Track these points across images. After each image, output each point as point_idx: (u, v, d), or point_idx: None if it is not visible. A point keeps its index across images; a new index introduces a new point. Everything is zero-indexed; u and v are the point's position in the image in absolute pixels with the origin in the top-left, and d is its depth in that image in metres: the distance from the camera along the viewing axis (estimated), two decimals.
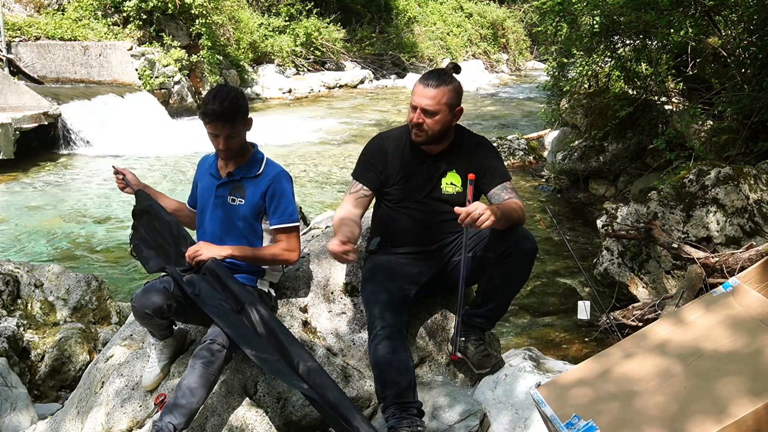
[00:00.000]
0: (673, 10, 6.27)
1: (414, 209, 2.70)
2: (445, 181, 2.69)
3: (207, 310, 2.46)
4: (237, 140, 2.59)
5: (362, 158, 2.78)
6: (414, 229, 2.72)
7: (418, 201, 2.69)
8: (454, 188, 2.69)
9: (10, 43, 12.14)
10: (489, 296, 2.65)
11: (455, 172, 2.69)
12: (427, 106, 2.55)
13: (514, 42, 25.82)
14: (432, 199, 2.69)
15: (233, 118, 2.54)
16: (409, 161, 2.69)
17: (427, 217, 2.70)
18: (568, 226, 6.88)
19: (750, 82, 5.86)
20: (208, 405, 2.51)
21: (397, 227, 2.72)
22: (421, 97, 2.56)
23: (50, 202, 8.06)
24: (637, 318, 4.16)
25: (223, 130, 2.54)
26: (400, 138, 2.74)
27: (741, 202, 4.50)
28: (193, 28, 14.18)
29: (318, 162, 10.12)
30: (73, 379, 3.80)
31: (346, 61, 19.83)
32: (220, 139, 2.56)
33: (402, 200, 2.71)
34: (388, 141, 2.75)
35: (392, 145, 2.73)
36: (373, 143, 2.79)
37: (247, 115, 2.61)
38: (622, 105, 6.86)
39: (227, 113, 2.51)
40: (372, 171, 2.72)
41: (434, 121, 2.57)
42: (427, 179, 2.68)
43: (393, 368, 2.43)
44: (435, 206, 2.70)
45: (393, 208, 2.73)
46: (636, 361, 2.14)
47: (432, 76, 2.59)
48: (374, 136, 2.83)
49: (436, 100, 2.55)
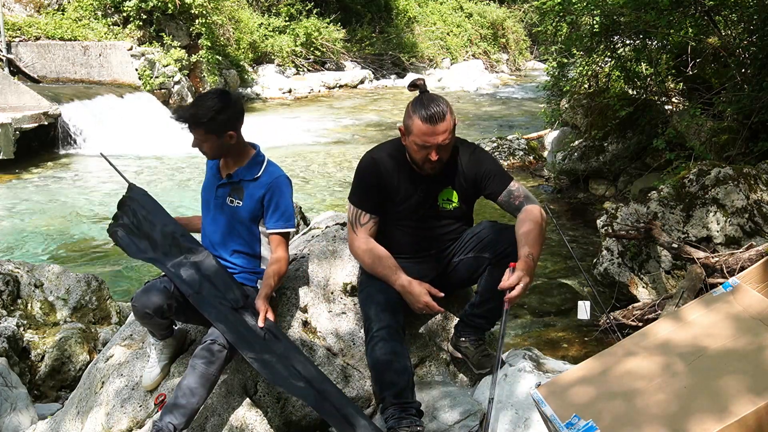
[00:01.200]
0: (673, 10, 6.27)
1: (413, 226, 2.69)
2: (441, 197, 2.66)
3: (205, 312, 2.46)
4: (209, 147, 2.58)
5: (360, 184, 2.68)
6: (411, 242, 2.71)
7: (416, 220, 2.67)
8: (451, 204, 2.67)
9: (10, 43, 12.14)
10: (488, 296, 2.64)
11: (451, 188, 2.66)
12: (443, 141, 2.47)
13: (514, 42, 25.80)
14: (430, 216, 2.68)
15: (201, 126, 2.53)
16: (406, 183, 2.64)
17: (425, 232, 2.69)
18: (568, 226, 6.88)
19: (750, 82, 5.86)
20: (208, 405, 2.51)
21: (394, 240, 2.70)
22: (434, 135, 2.44)
23: (50, 201, 8.06)
24: (637, 318, 4.16)
25: (194, 134, 2.56)
26: (394, 158, 2.65)
27: (741, 202, 4.50)
28: (193, 28, 14.18)
29: (318, 162, 10.12)
30: (73, 379, 3.80)
31: (346, 61, 19.82)
32: (194, 141, 2.58)
33: (400, 219, 2.68)
34: (381, 162, 2.65)
35: (386, 167, 2.64)
36: (367, 167, 2.67)
37: (224, 128, 2.55)
38: (622, 105, 6.85)
39: (194, 120, 2.53)
40: (374, 198, 2.65)
41: (447, 149, 2.53)
42: (423, 198, 2.65)
43: (391, 369, 2.43)
44: (433, 222, 2.69)
45: (390, 224, 2.70)
46: (636, 361, 2.14)
47: (430, 110, 2.44)
48: (365, 158, 2.71)
49: (448, 131, 2.47)
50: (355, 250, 2.68)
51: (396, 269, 2.60)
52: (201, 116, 2.51)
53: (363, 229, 2.65)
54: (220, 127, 2.55)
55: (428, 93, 2.54)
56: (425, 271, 2.71)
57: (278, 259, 2.63)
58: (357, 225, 2.66)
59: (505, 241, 2.57)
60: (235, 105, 2.59)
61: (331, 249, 3.05)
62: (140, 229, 2.71)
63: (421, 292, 2.56)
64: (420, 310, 2.61)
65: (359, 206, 2.67)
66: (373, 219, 2.66)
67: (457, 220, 2.71)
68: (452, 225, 2.71)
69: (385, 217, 2.68)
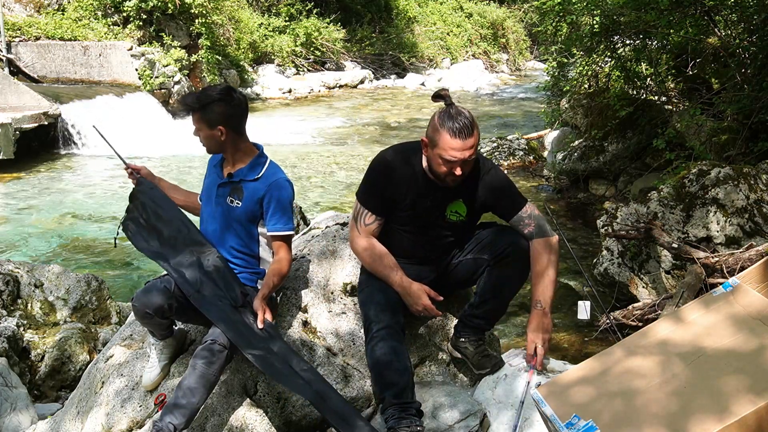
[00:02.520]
0: (673, 10, 6.27)
1: (417, 234, 2.68)
2: (450, 209, 2.64)
3: (206, 311, 2.46)
4: (203, 137, 2.63)
5: (370, 185, 2.65)
6: (414, 248, 2.71)
7: (421, 227, 2.66)
8: (458, 217, 2.65)
9: (10, 43, 12.14)
10: (488, 297, 2.64)
11: (461, 201, 2.63)
12: (470, 157, 2.45)
13: (514, 42, 25.81)
14: (436, 226, 2.66)
15: (196, 111, 2.59)
16: (418, 190, 2.60)
17: (428, 240, 2.69)
18: (568, 226, 6.88)
19: (750, 82, 5.86)
20: (208, 405, 2.51)
21: (396, 243, 2.69)
22: (461, 151, 2.41)
23: (50, 202, 8.06)
24: (637, 318, 4.16)
25: (193, 119, 2.62)
26: (410, 165, 2.61)
27: (741, 202, 4.50)
28: (193, 28, 14.18)
29: (318, 162, 10.13)
30: (73, 379, 3.80)
31: (346, 61, 19.82)
32: (194, 128, 2.64)
33: (405, 224, 2.67)
34: (395, 166, 2.62)
35: (399, 170, 2.61)
36: (379, 168, 2.65)
37: (216, 120, 2.57)
38: (622, 105, 6.85)
39: (191, 102, 2.59)
40: (381, 200, 2.63)
41: (471, 164, 2.50)
42: (433, 208, 2.63)
43: (391, 369, 2.43)
44: (438, 232, 2.67)
45: (393, 228, 2.69)
46: (636, 361, 2.14)
47: (459, 123, 2.41)
48: (379, 158, 2.68)
49: (475, 146, 2.46)
50: (356, 247, 2.68)
51: (395, 268, 2.60)
52: (197, 101, 2.57)
53: (366, 229, 2.65)
54: (213, 119, 2.57)
55: (454, 105, 2.50)
56: (425, 272, 2.71)
57: (279, 259, 2.63)
58: (361, 224, 2.65)
59: (504, 242, 2.57)
60: (234, 103, 2.59)
61: (331, 249, 3.05)
62: (149, 222, 2.74)
63: (420, 295, 2.56)
64: (418, 313, 2.61)
65: (365, 205, 2.65)
66: (378, 221, 2.65)
67: (462, 231, 2.70)
68: (455, 236, 2.70)
69: (390, 219, 2.67)
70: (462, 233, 2.70)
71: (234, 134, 2.63)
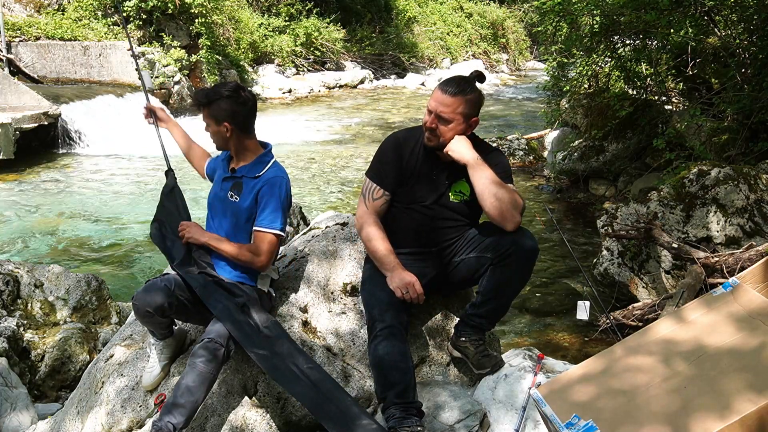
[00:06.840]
0: (673, 10, 6.28)
1: (419, 212, 2.69)
2: (454, 188, 2.68)
3: (210, 305, 2.47)
4: (211, 132, 2.68)
5: (381, 159, 2.71)
6: (416, 231, 2.71)
7: (425, 206, 2.68)
8: (462, 197, 2.68)
9: (10, 43, 12.15)
10: (489, 296, 2.64)
11: (465, 181, 2.66)
12: (442, 113, 2.54)
13: (514, 42, 25.83)
14: (439, 205, 2.68)
15: (205, 106, 2.64)
16: (423, 166, 2.67)
17: (431, 221, 2.70)
18: (568, 226, 6.88)
19: (750, 82, 5.87)
20: (208, 405, 2.51)
21: (400, 227, 2.71)
22: (437, 102, 2.55)
23: (50, 201, 8.06)
24: (637, 318, 4.16)
25: (203, 114, 2.68)
26: (416, 140, 2.70)
27: (741, 202, 4.50)
28: (193, 27, 14.19)
29: (318, 162, 10.13)
30: (73, 379, 3.80)
31: (346, 61, 19.83)
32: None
33: (409, 203, 2.69)
34: (404, 141, 2.71)
35: (407, 147, 2.69)
36: (389, 143, 2.73)
37: (222, 116, 2.61)
38: (622, 105, 6.86)
39: (200, 97, 2.65)
40: (392, 173, 2.68)
41: (447, 128, 2.57)
42: (437, 186, 2.67)
43: (393, 369, 2.43)
44: (440, 212, 2.69)
45: (398, 208, 2.71)
46: (637, 360, 2.14)
47: (452, 82, 2.56)
48: (390, 136, 2.78)
49: (451, 108, 2.54)
50: (360, 221, 2.71)
51: (390, 252, 2.61)
52: (206, 97, 2.63)
53: (373, 205, 2.69)
54: (219, 115, 2.61)
55: (475, 81, 2.62)
56: (426, 269, 2.70)
57: (255, 250, 2.59)
58: (369, 198, 2.70)
59: (508, 241, 2.57)
60: (240, 100, 2.62)
61: (331, 249, 3.05)
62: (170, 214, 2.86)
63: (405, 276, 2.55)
64: (399, 292, 2.54)
65: (374, 179, 2.71)
66: (385, 195, 2.69)
67: (464, 216, 2.71)
68: (457, 221, 2.71)
69: (396, 198, 2.70)
70: (464, 219, 2.71)
71: (240, 131, 2.65)
